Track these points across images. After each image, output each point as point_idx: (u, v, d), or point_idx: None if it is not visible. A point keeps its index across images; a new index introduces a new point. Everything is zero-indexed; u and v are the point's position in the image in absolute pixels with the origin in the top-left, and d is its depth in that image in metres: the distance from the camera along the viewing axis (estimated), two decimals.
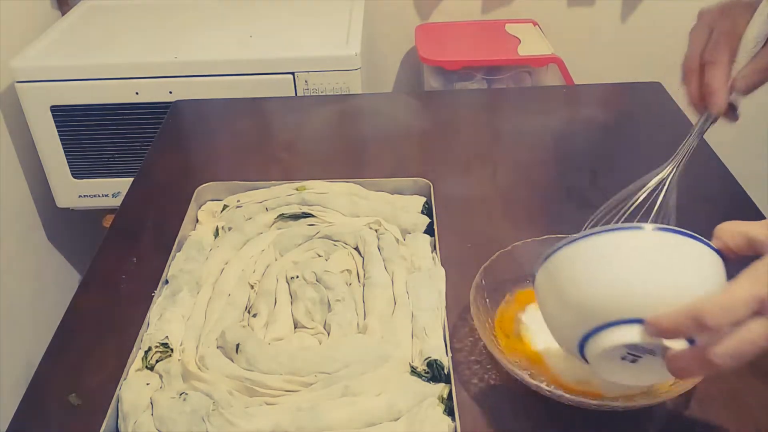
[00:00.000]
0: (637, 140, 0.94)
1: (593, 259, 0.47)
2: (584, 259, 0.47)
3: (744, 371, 0.58)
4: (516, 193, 0.83)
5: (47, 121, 1.34)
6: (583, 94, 1.13)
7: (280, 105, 1.10)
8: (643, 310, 0.45)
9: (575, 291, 0.47)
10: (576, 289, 0.47)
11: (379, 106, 1.10)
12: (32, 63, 1.31)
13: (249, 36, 1.40)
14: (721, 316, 0.41)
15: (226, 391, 0.56)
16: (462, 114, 1.05)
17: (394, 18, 1.71)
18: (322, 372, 0.57)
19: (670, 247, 0.46)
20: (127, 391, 0.57)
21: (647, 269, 0.46)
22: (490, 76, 1.56)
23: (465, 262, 0.67)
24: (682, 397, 0.53)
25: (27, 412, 0.58)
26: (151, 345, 0.61)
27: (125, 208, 0.84)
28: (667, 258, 0.46)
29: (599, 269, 0.46)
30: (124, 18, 1.52)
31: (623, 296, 0.45)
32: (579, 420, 0.54)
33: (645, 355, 0.47)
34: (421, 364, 0.58)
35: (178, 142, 1.01)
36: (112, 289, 0.70)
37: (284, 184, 0.80)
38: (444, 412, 0.55)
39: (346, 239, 0.72)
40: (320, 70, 1.30)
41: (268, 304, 0.65)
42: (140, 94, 1.31)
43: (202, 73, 1.30)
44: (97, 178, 1.42)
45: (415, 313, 0.63)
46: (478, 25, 1.70)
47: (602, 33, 1.74)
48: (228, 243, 0.72)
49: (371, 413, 0.54)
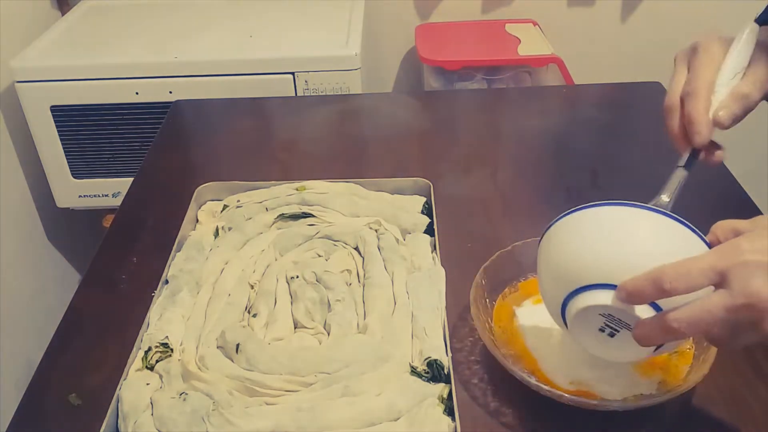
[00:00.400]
0: (637, 140, 0.94)
1: (579, 228, 0.51)
2: (572, 227, 0.51)
3: (744, 371, 0.58)
4: (516, 193, 0.84)
5: (47, 121, 1.34)
6: (583, 94, 1.13)
7: (280, 105, 1.10)
8: (616, 276, 0.47)
9: (561, 256, 0.51)
10: (561, 255, 0.51)
11: (379, 106, 1.10)
12: (32, 63, 1.32)
13: (249, 36, 1.40)
14: (677, 281, 0.44)
15: (226, 391, 0.56)
16: (462, 114, 1.05)
17: (394, 18, 1.71)
18: (322, 372, 0.57)
19: (652, 223, 0.49)
20: (127, 391, 0.57)
21: (625, 239, 0.49)
22: (490, 76, 1.56)
23: (465, 262, 0.67)
24: (682, 397, 0.53)
25: (27, 412, 0.58)
26: (151, 345, 0.61)
27: (125, 208, 0.84)
28: (647, 232, 0.49)
29: (581, 237, 0.50)
30: (124, 18, 1.52)
31: (599, 262, 0.49)
32: (579, 420, 0.55)
33: (622, 330, 0.50)
34: (421, 364, 0.58)
35: (178, 142, 1.01)
36: (112, 289, 0.70)
37: (284, 184, 0.80)
38: (444, 412, 0.55)
39: (346, 239, 0.72)
40: (320, 70, 1.30)
41: (268, 304, 0.65)
42: (140, 94, 1.31)
43: (202, 73, 1.31)
44: (97, 178, 1.42)
45: (415, 313, 0.63)
46: (478, 25, 1.70)
47: (602, 33, 1.74)
48: (228, 243, 0.72)
49: (371, 413, 0.54)
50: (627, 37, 1.74)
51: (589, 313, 0.50)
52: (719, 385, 0.57)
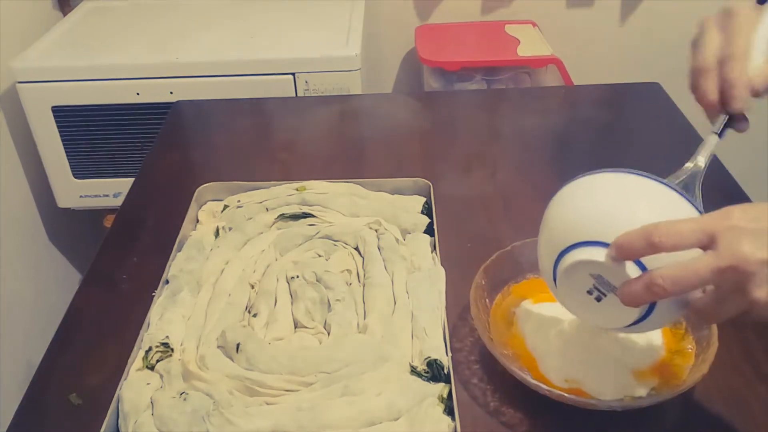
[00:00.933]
0: (636, 141, 0.94)
1: (582, 188, 0.52)
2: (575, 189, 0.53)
3: (744, 371, 0.58)
4: (516, 193, 0.84)
5: (48, 122, 1.34)
6: (582, 95, 1.13)
7: (281, 105, 1.10)
8: (609, 234, 0.48)
9: (563, 214, 0.52)
10: (563, 212, 0.52)
11: (379, 107, 1.10)
12: (33, 63, 1.32)
13: (249, 37, 1.40)
14: (667, 237, 0.44)
15: (226, 390, 0.56)
16: (462, 114, 1.05)
17: (394, 18, 1.71)
18: (322, 372, 0.57)
19: (654, 190, 0.50)
20: (128, 391, 0.57)
21: (624, 201, 0.50)
22: (489, 76, 1.56)
23: (465, 262, 0.68)
24: (682, 397, 0.53)
25: (27, 412, 0.59)
26: (152, 345, 0.61)
27: (126, 208, 0.84)
28: (647, 197, 0.50)
29: (583, 195, 0.52)
30: (125, 19, 1.52)
31: (595, 220, 0.49)
32: (578, 420, 0.55)
33: (609, 295, 0.50)
34: (421, 364, 0.58)
35: (178, 142, 1.01)
36: (112, 289, 0.70)
37: (284, 184, 0.80)
38: (444, 412, 0.55)
39: (346, 239, 0.72)
40: (320, 71, 1.30)
41: (269, 304, 0.65)
42: (141, 94, 1.32)
43: (203, 74, 1.31)
44: (98, 179, 1.42)
45: (415, 313, 0.63)
46: (477, 26, 1.70)
47: (601, 34, 1.74)
48: (228, 243, 0.72)
49: (371, 413, 0.54)
50: (626, 38, 1.74)
51: (579, 271, 0.50)
52: (719, 385, 0.57)
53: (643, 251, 0.46)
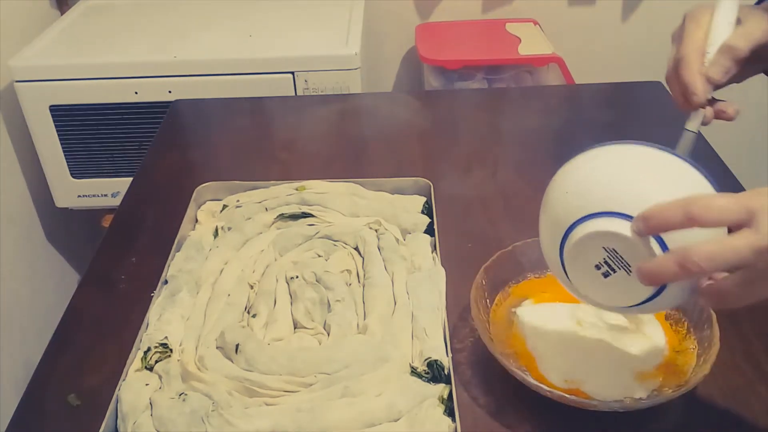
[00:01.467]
0: (638, 139, 0.94)
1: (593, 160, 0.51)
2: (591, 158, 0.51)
3: (744, 371, 0.58)
4: (516, 193, 0.83)
5: (46, 121, 1.34)
6: (583, 94, 1.13)
7: (280, 104, 1.10)
8: (631, 206, 0.45)
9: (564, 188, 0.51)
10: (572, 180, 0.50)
11: (379, 106, 1.10)
12: (31, 62, 1.31)
13: (249, 35, 1.40)
14: (709, 211, 0.42)
15: (225, 391, 0.56)
16: (462, 114, 1.05)
17: (394, 17, 1.70)
18: (321, 372, 0.57)
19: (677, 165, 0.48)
20: (127, 392, 0.56)
21: (647, 173, 0.48)
22: (490, 75, 1.56)
23: (465, 262, 0.67)
24: (682, 398, 0.53)
25: (27, 412, 0.58)
26: (151, 345, 0.60)
27: (124, 208, 0.84)
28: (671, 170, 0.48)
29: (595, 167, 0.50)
30: (123, 17, 1.52)
31: (613, 190, 0.47)
32: (579, 420, 0.54)
33: (619, 271, 0.47)
34: (422, 365, 0.58)
35: (177, 141, 1.00)
36: (111, 289, 0.70)
37: (284, 184, 0.79)
38: (444, 413, 0.54)
39: (346, 239, 0.72)
40: (320, 70, 1.30)
41: (268, 305, 0.65)
42: (139, 93, 1.31)
43: (202, 73, 1.30)
44: (96, 178, 1.42)
45: (415, 314, 0.63)
46: (478, 25, 1.70)
47: (603, 32, 1.74)
48: (227, 243, 0.72)
49: (371, 414, 0.54)
50: (628, 36, 1.74)
51: (592, 244, 0.47)
52: (719, 385, 0.57)
53: (679, 224, 0.43)
